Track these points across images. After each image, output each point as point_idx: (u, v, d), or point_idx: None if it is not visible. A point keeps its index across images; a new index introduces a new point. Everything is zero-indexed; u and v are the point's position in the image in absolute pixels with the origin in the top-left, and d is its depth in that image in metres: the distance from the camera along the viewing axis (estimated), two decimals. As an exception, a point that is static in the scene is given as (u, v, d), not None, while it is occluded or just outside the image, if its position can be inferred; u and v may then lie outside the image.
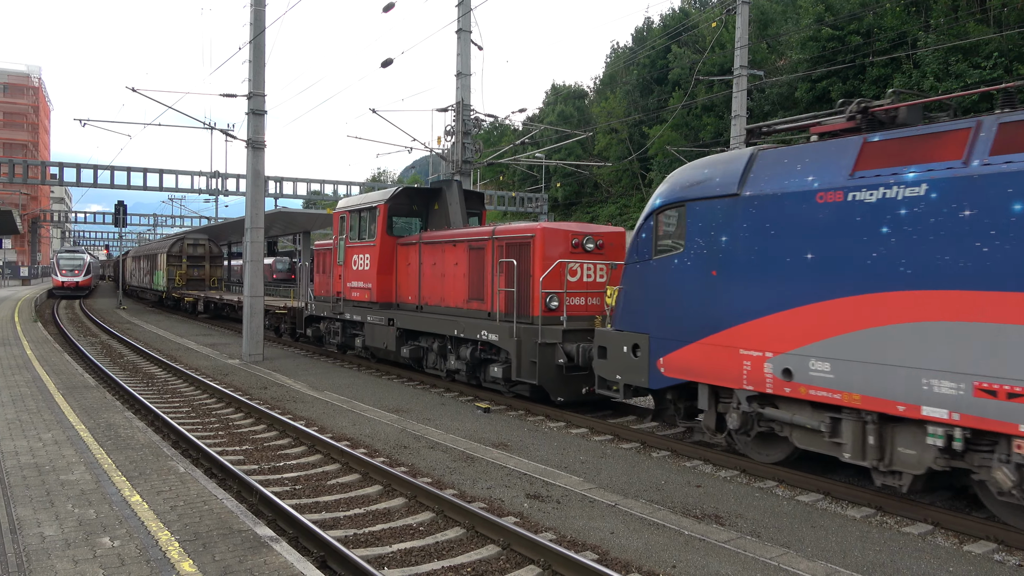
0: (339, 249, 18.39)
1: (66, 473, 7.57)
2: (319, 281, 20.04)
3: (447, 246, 14.92)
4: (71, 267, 50.25)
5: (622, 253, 12.33)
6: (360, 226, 17.51)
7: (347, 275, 17.89)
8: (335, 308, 18.51)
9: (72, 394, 12.19)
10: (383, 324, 16.36)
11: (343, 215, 18.30)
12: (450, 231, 15.58)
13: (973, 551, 6.67)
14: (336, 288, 18.52)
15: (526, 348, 12.33)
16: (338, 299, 18.39)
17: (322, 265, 19.90)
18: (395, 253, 16.71)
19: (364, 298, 17.14)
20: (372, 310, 16.79)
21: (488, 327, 13.14)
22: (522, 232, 13.03)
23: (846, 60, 35.35)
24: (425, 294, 15.60)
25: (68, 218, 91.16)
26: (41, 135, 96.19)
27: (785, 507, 7.83)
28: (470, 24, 21.57)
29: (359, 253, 17.36)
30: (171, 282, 38.49)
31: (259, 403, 13.16)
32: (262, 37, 19.12)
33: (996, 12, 31.57)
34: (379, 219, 16.60)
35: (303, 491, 8.36)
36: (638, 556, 6.40)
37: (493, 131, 68.99)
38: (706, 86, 42.16)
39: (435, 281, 15.28)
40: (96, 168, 42.70)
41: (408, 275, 16.27)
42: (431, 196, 17.21)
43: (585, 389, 11.98)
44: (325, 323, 19.69)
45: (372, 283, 16.81)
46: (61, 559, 5.38)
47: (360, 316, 17.29)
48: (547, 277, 12.24)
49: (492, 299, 13.52)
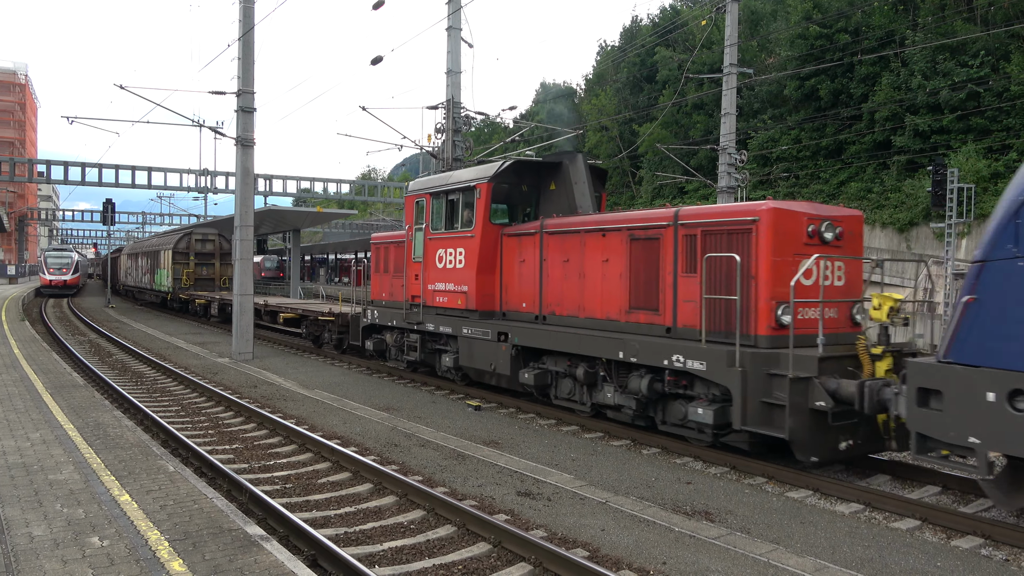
0: (416, 242, 14.91)
1: (54, 473, 7.52)
2: (379, 283, 16.93)
3: (590, 236, 11.43)
4: (59, 266, 49.90)
5: (859, 245, 9.88)
6: (449, 212, 14.08)
7: (428, 275, 14.45)
8: (410, 317, 14.98)
9: (60, 393, 12.12)
10: (489, 340, 12.80)
11: (420, 199, 14.82)
12: (594, 216, 12.14)
13: (960, 546, 6.72)
14: (412, 292, 15.02)
15: (755, 383, 8.64)
16: (414, 305, 14.91)
17: (384, 262, 16.74)
18: (499, 246, 13.26)
19: (456, 304, 13.69)
20: (470, 320, 13.28)
21: (685, 351, 9.32)
22: (735, 215, 9.50)
23: (834, 58, 35.50)
24: (550, 300, 12.15)
25: (56, 216, 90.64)
26: (28, 132, 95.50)
27: (775, 503, 7.88)
28: (460, 22, 21.53)
29: (447, 247, 13.91)
30: (177, 282, 34.51)
31: (249, 401, 13.12)
32: (251, 34, 19.03)
33: (983, 11, 31.77)
34: (479, 203, 13.11)
35: (293, 490, 8.34)
36: (629, 553, 6.42)
37: (483, 129, 68.98)
38: (696, 84, 42.26)
39: (567, 283, 11.80)
40: (84, 166, 42.50)
41: (521, 275, 12.82)
42: (547, 172, 13.70)
43: (845, 444, 8.52)
44: (394, 335, 15.96)
45: (469, 285, 13.30)
46: (50, 559, 5.35)
47: (451, 328, 13.72)
48: (778, 279, 8.90)
49: (672, 309, 10.06)
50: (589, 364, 11.14)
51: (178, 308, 34.96)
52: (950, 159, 29.14)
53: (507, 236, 13.18)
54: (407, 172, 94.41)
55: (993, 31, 29.50)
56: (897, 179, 32.26)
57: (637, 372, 10.25)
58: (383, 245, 16.91)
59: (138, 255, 44.47)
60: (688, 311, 9.83)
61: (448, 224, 14.09)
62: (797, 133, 37.83)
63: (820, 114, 36.87)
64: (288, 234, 44.15)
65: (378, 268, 16.97)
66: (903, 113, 32.50)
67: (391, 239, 16.58)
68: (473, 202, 13.31)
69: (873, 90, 34.23)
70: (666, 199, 45.74)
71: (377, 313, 16.36)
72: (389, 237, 16.86)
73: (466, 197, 13.56)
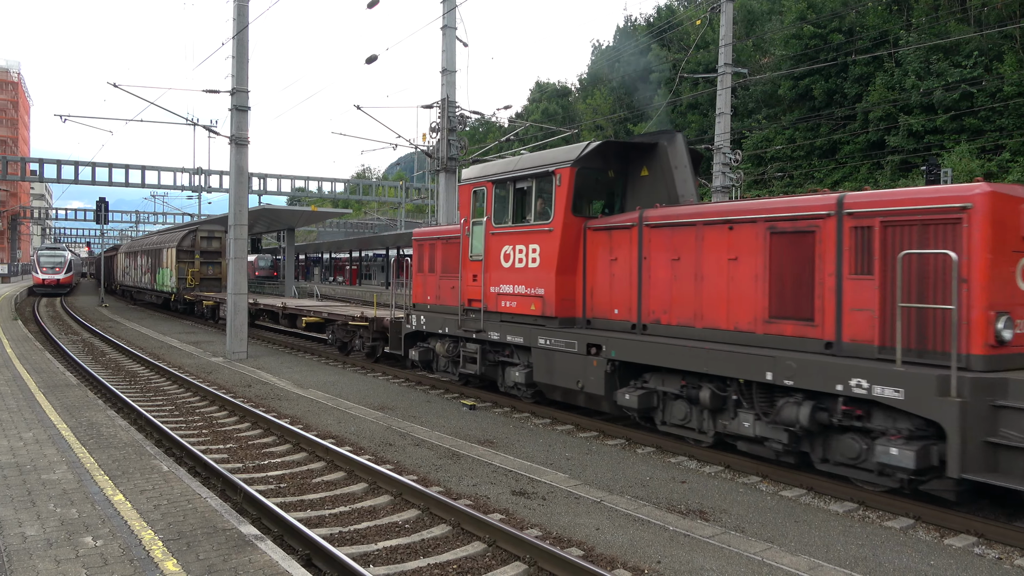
0: (474, 238, 13.07)
1: (48, 472, 7.50)
2: (423, 284, 14.89)
3: (711, 229, 9.44)
4: (52, 264, 49.71)
5: None
6: (518, 203, 12.28)
7: (491, 276, 12.55)
8: (467, 324, 13.07)
9: (53, 392, 12.08)
10: (575, 353, 10.84)
11: (479, 188, 12.91)
12: (715, 205, 10.61)
13: (954, 544, 6.75)
14: (469, 295, 13.11)
15: (977, 417, 6.80)
16: (471, 311, 13.02)
17: (429, 261, 14.76)
18: (581, 242, 11.35)
19: (527, 310, 11.84)
20: (547, 329, 11.41)
21: (870, 373, 7.40)
22: (932, 201, 7.57)
23: (829, 58, 35.61)
24: (653, 306, 10.17)
25: (49, 215, 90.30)
26: (21, 131, 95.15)
27: (769, 502, 7.89)
28: (455, 21, 21.52)
29: (516, 243, 12.05)
30: (182, 282, 32.48)
31: (243, 401, 13.09)
32: (245, 32, 18.99)
33: (976, 12, 31.90)
34: (560, 191, 11.17)
35: (288, 489, 8.33)
36: (623, 552, 6.42)
37: (478, 128, 68.98)
38: (691, 84, 42.34)
39: (678, 286, 9.83)
40: (77, 164, 42.36)
41: (612, 276, 10.85)
42: (637, 156, 11.67)
43: None
44: (445, 344, 13.95)
45: (546, 288, 11.45)
46: (43, 559, 5.33)
47: (522, 337, 11.85)
48: (997, 283, 7.23)
49: (835, 319, 8.17)
50: (717, 385, 9.07)
51: (183, 310, 32.85)
52: (944, 159, 29.27)
53: (592, 230, 11.21)
54: (401, 171, 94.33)
55: (986, 32, 29.62)
56: (891, 179, 32.38)
57: (791, 398, 8.24)
58: (428, 242, 14.85)
59: (137, 254, 42.31)
60: (859, 322, 7.92)
61: (517, 217, 12.26)
62: (791, 133, 37.96)
63: (814, 114, 36.99)
64: (282, 233, 44.08)
65: (422, 267, 14.95)
66: (897, 113, 32.63)
67: (439, 234, 14.60)
68: (551, 190, 11.39)
69: (867, 90, 34.38)
70: (661, 199, 45.79)
71: (424, 319, 14.37)
72: (436, 232, 14.82)
73: (541, 184, 11.66)
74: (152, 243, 39.24)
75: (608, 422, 11.15)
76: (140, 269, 40.72)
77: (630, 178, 11.82)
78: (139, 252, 41.70)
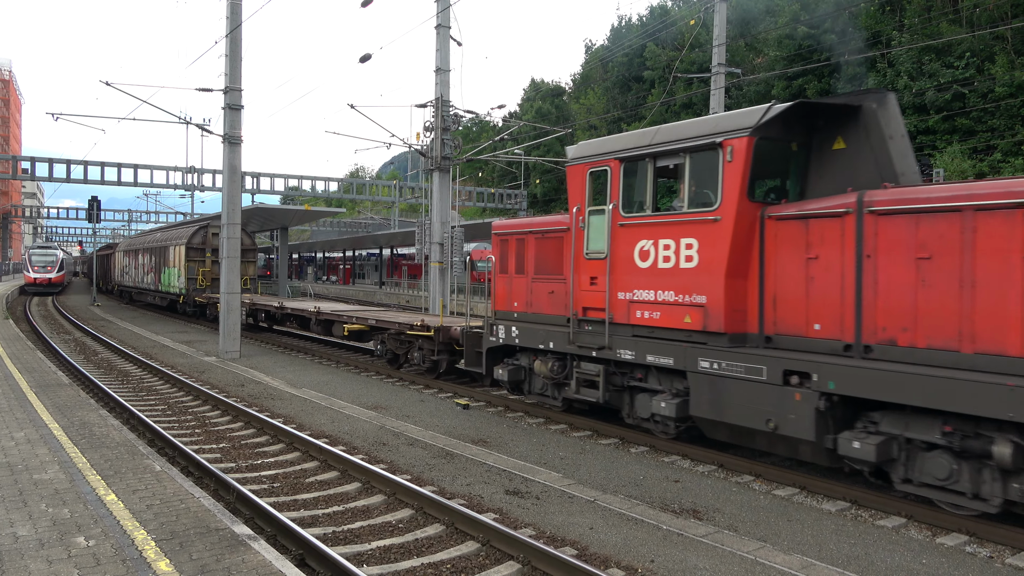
0: (592, 231, 10.56)
1: (39, 472, 7.46)
2: (508, 287, 12.53)
3: (989, 217, 7.05)
4: (44, 263, 49.50)
5: None
6: (664, 184, 10.17)
7: (620, 278, 10.04)
8: (582, 338, 10.64)
9: (45, 392, 12.02)
10: (763, 381, 8.31)
11: (600, 168, 10.41)
12: (994, 184, 7.48)
13: (945, 543, 6.78)
14: (584, 302, 10.66)
15: None
16: (588, 321, 10.62)
17: (517, 260, 12.37)
18: (757, 235, 8.83)
19: (678, 323, 9.30)
20: (713, 349, 8.86)
21: None
22: None
23: (821, 59, 35.74)
24: (884, 321, 7.72)
25: (40, 213, 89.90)
26: (12, 129, 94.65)
27: (762, 501, 7.92)
28: (449, 20, 21.52)
29: (659, 237, 9.52)
30: (192, 282, 29.56)
31: (236, 400, 13.06)
32: (239, 31, 18.94)
33: (968, 13, 32.04)
34: (732, 168, 8.67)
35: (281, 489, 8.32)
36: (617, 551, 6.44)
37: (472, 127, 68.95)
38: (684, 84, 42.42)
39: (929, 295, 7.41)
40: (69, 163, 42.16)
41: (810, 279, 8.38)
42: (830, 123, 9.05)
43: None
44: (548, 362, 11.40)
45: (710, 294, 8.92)
46: (35, 559, 5.31)
47: (672, 358, 9.34)
48: None
49: None
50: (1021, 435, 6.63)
51: (192, 313, 30.13)
52: (936, 159, 29.42)
53: (775, 220, 8.64)
54: (395, 170, 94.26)
55: (978, 32, 29.76)
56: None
57: None
58: (515, 236, 12.46)
59: (139, 252, 39.14)
60: None
61: (660, 203, 9.97)
62: (785, 133, 38.08)
63: (808, 114, 37.12)
64: (276, 232, 43.99)
65: (505, 268, 12.60)
66: (889, 113, 32.75)
67: (530, 227, 12.21)
68: (716, 167, 8.88)
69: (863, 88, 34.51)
70: (654, 198, 45.84)
71: (517, 331, 11.90)
72: (526, 225, 12.47)
73: (700, 161, 9.14)
74: (156, 240, 36.06)
75: (602, 421, 11.13)
76: (142, 268, 38.01)
77: (816, 152, 9.22)
78: (141, 250, 38.75)
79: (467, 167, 52.07)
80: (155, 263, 34.80)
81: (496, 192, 51.38)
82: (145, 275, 37.13)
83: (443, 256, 21.99)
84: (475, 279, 49.06)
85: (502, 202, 51.14)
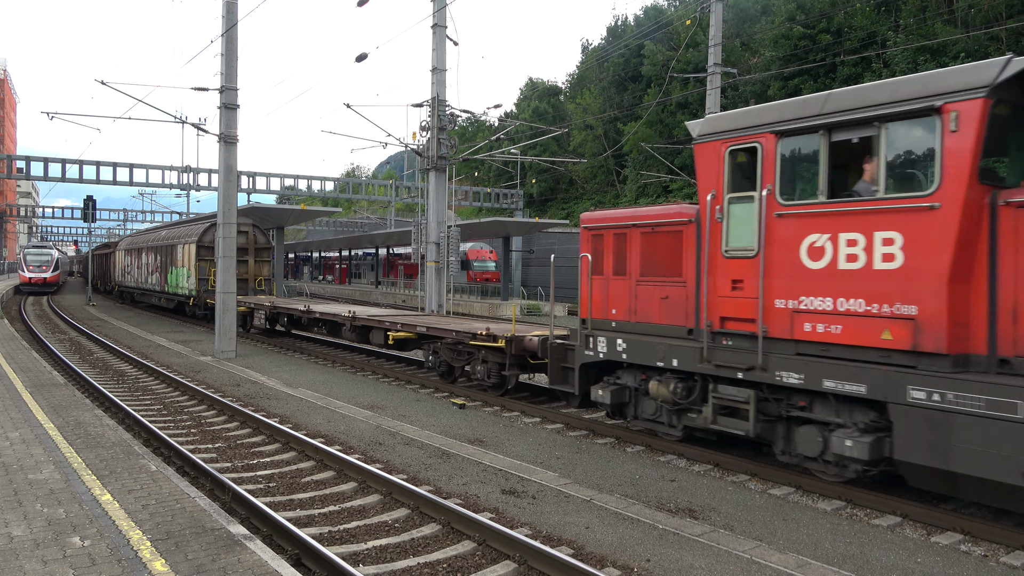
0: (734, 223, 8.61)
1: (34, 472, 7.45)
2: (605, 291, 10.63)
3: None
4: (38, 263, 49.38)
5: None
6: (843, 162, 8.15)
7: (777, 282, 8.16)
8: (720, 356, 8.70)
9: (40, 392, 11.99)
10: None
11: (746, 144, 8.51)
12: None
13: (940, 542, 6.80)
14: (724, 310, 8.68)
15: None
16: (729, 335, 8.67)
17: (616, 259, 10.47)
18: (985, 227, 7.02)
19: (871, 339, 7.40)
20: (927, 373, 7.01)
21: None
22: None
23: (817, 59, 35.83)
24: None
25: (35, 213, 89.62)
26: (7, 128, 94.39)
27: (758, 500, 7.93)
28: (445, 19, 21.51)
29: (839, 230, 7.68)
30: (203, 283, 27.82)
31: (232, 400, 13.04)
32: (235, 30, 18.91)
33: (963, 13, 32.14)
34: (957, 140, 6.87)
35: (277, 488, 8.31)
36: (613, 550, 6.44)
37: (468, 127, 68.95)
38: (680, 83, 42.47)
39: None
40: (64, 162, 42.06)
41: None
42: None
43: None
44: (669, 383, 9.41)
45: (923, 303, 7.07)
46: (30, 559, 5.29)
47: (864, 385, 7.39)
48: None
49: None
50: None
51: (203, 316, 28.24)
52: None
53: (1016, 208, 6.82)
54: (391, 170, 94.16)
55: (973, 33, 29.85)
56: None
57: None
58: (613, 230, 10.54)
59: (142, 251, 37.08)
60: None
61: (839, 186, 7.97)
62: (780, 133, 38.17)
63: (803, 114, 37.21)
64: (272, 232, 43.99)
65: (600, 268, 10.69)
66: (885, 113, 32.87)
67: (634, 220, 10.19)
68: (934, 139, 7.03)
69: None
70: (651, 198, 45.96)
71: (624, 344, 9.97)
72: (628, 217, 10.38)
73: (904, 131, 7.33)
74: (162, 239, 33.97)
75: (597, 421, 11.14)
76: (146, 268, 35.85)
77: None
78: (144, 249, 36.64)
79: (463, 167, 52.06)
80: (161, 263, 33.02)
81: (492, 192, 51.39)
82: (149, 275, 35.23)
83: (439, 256, 21.97)
84: (471, 279, 49.08)
85: (498, 202, 51.14)
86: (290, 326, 22.45)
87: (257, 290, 27.99)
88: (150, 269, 35.10)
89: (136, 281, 38.22)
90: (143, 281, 36.58)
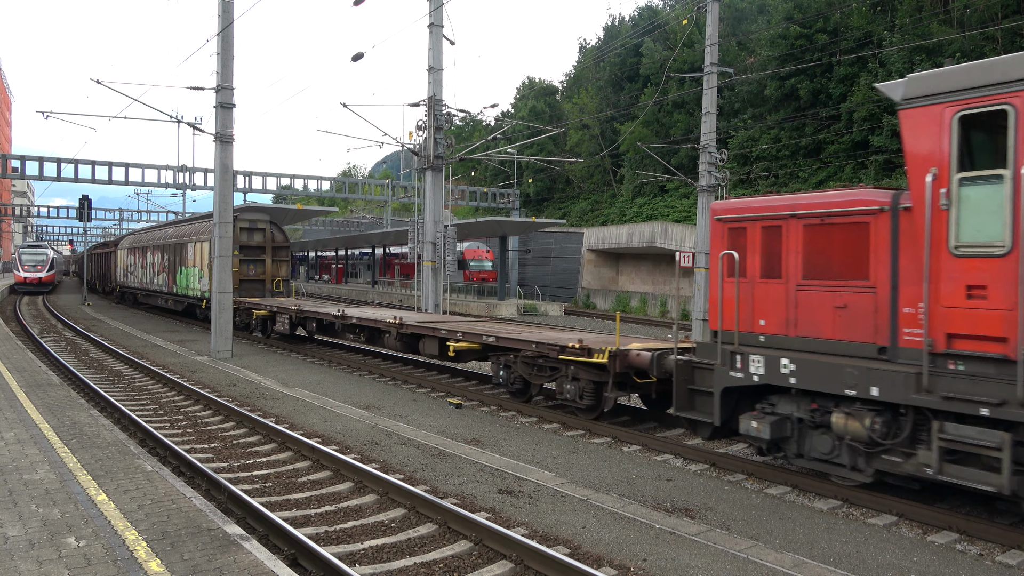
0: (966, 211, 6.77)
1: (30, 472, 7.42)
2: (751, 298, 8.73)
3: None
4: (34, 263, 49.25)
5: None
6: None
7: None
8: (954, 386, 6.80)
9: (36, 392, 11.95)
10: None
11: (996, 106, 6.52)
12: None
13: (936, 541, 6.81)
14: (952, 325, 6.82)
15: None
16: (961, 357, 6.81)
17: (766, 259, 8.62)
18: None
19: None
20: None
21: None
22: None
23: (814, 59, 35.88)
24: None
25: (30, 212, 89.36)
26: (2, 127, 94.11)
27: (754, 500, 7.94)
28: (442, 19, 21.50)
29: None
30: None
31: (228, 400, 13.02)
32: (230, 29, 18.87)
33: (958, 13, 32.19)
34: None
35: (273, 489, 8.29)
36: (609, 550, 6.44)
37: (465, 127, 68.89)
38: (677, 83, 42.50)
39: None
40: (59, 161, 41.94)
41: None
42: None
43: None
44: (866, 417, 7.51)
45: None
46: (25, 560, 5.28)
47: None
48: None
49: None
50: None
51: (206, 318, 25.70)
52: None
53: None
54: (388, 169, 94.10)
55: (968, 33, 29.91)
56: (875, 178, 32.65)
57: None
58: (758, 223, 8.73)
59: (147, 250, 34.96)
60: None
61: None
62: (777, 132, 38.21)
63: (799, 114, 37.24)
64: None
65: (741, 270, 8.79)
66: (881, 113, 32.90)
67: (792, 208, 8.36)
68: None
69: (851, 90, 34.65)
70: (647, 198, 46.01)
71: (791, 365, 8.05)
72: (783, 206, 8.49)
73: None
74: (169, 237, 31.97)
75: (594, 421, 11.14)
76: (152, 268, 33.83)
77: None
78: (150, 248, 34.49)
79: (460, 166, 52.07)
80: (169, 262, 30.84)
81: (489, 191, 51.37)
82: (156, 276, 33.07)
83: (436, 255, 21.96)
84: (467, 278, 49.04)
85: (495, 201, 51.12)
86: (320, 332, 20.15)
87: (275, 291, 26.45)
88: (156, 269, 33.19)
89: (140, 282, 36.39)
90: (148, 282, 34.70)
